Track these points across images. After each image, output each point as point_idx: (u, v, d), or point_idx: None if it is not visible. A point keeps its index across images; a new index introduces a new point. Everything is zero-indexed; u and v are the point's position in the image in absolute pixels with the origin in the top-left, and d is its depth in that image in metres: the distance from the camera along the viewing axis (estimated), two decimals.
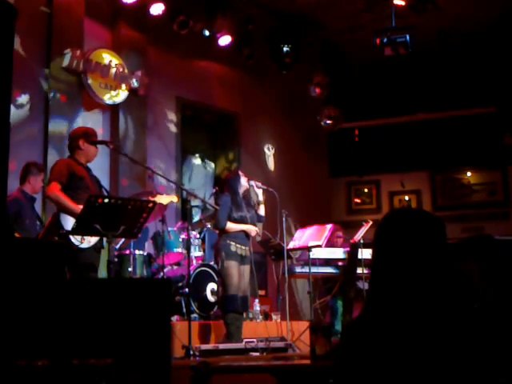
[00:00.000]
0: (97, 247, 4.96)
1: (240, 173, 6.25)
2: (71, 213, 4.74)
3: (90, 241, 4.86)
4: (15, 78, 3.09)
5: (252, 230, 6.04)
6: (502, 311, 2.07)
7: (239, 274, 5.89)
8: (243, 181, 6.13)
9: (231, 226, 5.92)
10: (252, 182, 6.24)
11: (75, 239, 4.79)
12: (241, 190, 6.10)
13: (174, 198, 5.84)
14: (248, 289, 6.11)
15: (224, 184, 6.26)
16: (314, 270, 6.80)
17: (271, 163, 10.50)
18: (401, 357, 1.60)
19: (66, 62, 7.36)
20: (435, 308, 1.66)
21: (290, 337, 6.26)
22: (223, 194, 6.13)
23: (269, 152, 10.47)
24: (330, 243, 7.71)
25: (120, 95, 7.88)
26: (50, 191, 4.91)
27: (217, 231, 7.29)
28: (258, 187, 6.27)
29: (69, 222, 4.77)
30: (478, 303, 2.09)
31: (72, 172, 5.03)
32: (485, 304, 2.08)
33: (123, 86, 7.88)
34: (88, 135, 5.24)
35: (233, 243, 5.89)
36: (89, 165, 5.29)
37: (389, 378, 1.60)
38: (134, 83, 8.00)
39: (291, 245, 6.81)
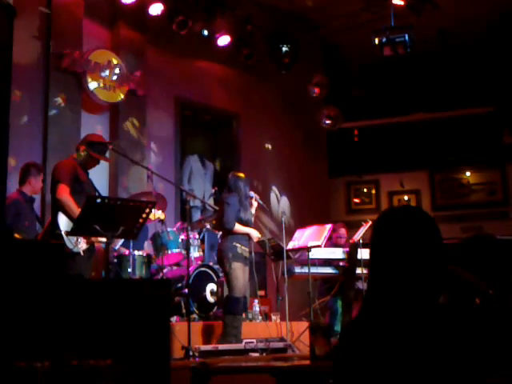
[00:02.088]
0: (87, 251, 4.93)
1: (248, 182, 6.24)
2: (74, 218, 4.71)
3: (82, 246, 4.84)
4: (14, 79, 3.08)
5: (255, 234, 6.07)
6: (503, 309, 2.07)
7: (244, 276, 5.91)
8: (247, 189, 6.13)
9: (238, 227, 5.91)
10: (252, 194, 6.23)
11: (70, 242, 4.76)
12: (247, 195, 6.11)
13: (162, 216, 6.42)
14: (248, 289, 6.11)
15: (231, 183, 6.08)
16: (313, 270, 6.79)
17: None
18: (399, 357, 1.60)
19: (65, 62, 7.34)
20: (433, 308, 1.66)
21: (289, 337, 6.25)
22: (231, 194, 5.99)
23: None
24: (333, 242, 7.71)
25: (119, 95, 7.87)
26: (61, 194, 4.87)
27: (216, 232, 7.29)
28: (256, 200, 6.25)
29: (65, 224, 4.77)
30: (479, 301, 2.08)
31: (76, 175, 5.04)
32: (485, 303, 2.08)
33: (122, 87, 7.87)
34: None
35: (238, 245, 5.89)
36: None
37: (388, 379, 1.60)
38: (133, 83, 7.99)
39: (290, 245, 6.79)
